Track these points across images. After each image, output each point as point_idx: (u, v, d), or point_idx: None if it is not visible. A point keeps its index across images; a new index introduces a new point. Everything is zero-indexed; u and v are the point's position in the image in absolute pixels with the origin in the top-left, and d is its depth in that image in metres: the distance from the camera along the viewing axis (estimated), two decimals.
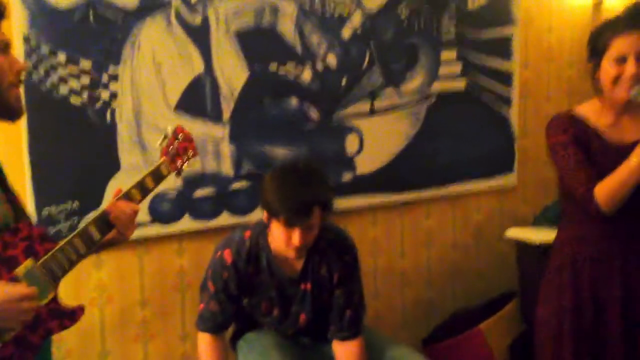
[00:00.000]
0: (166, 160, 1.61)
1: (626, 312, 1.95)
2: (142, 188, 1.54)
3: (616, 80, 1.85)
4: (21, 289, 1.26)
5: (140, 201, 1.54)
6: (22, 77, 1.36)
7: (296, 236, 2.01)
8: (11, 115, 1.35)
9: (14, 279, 1.29)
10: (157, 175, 1.58)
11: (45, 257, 1.34)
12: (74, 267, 1.50)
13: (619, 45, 1.84)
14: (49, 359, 1.46)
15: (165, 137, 1.65)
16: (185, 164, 1.68)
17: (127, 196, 1.51)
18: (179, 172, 1.67)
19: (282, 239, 2.05)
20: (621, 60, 1.84)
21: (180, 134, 1.67)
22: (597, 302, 1.96)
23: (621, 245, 1.95)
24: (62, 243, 1.38)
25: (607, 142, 1.92)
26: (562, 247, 2.06)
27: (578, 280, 1.98)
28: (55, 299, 1.37)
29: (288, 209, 1.96)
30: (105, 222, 1.45)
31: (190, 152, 1.69)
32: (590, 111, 1.98)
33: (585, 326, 1.96)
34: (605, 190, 1.83)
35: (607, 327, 1.96)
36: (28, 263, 1.31)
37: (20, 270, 1.30)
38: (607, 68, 1.87)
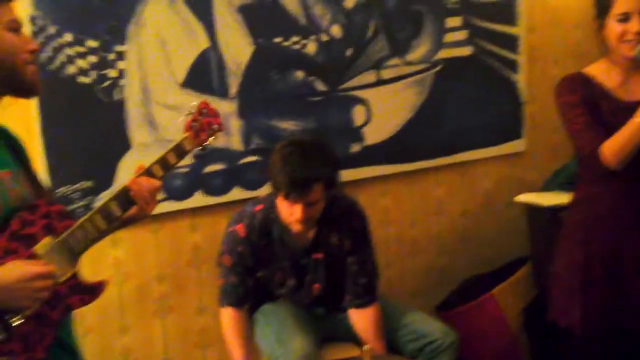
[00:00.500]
0: (190, 136, 1.60)
1: (637, 265, 1.98)
2: (164, 164, 1.53)
3: (621, 38, 1.86)
4: (35, 267, 1.26)
5: (162, 177, 1.53)
6: (36, 58, 1.36)
7: (298, 211, 2.04)
8: (29, 91, 1.36)
9: (33, 257, 1.30)
10: (180, 151, 1.57)
11: (65, 234, 1.35)
12: (95, 243, 1.52)
13: (622, 3, 1.85)
14: (71, 334, 1.48)
15: (190, 112, 1.64)
16: (211, 138, 1.67)
17: (148, 172, 1.50)
18: (203, 147, 1.66)
19: (286, 213, 2.08)
20: (625, 18, 1.85)
21: (205, 109, 1.66)
22: (607, 256, 1.99)
23: (632, 203, 1.98)
24: (81, 220, 1.39)
25: (616, 101, 1.94)
26: (577, 206, 2.10)
27: (590, 236, 2.01)
28: (75, 276, 1.38)
29: (288, 185, 1.99)
30: (126, 198, 1.46)
31: (216, 127, 1.67)
32: (598, 72, 1.99)
33: (595, 280, 2.00)
34: (611, 147, 1.85)
35: (618, 279, 1.99)
36: (46, 240, 1.32)
37: (38, 247, 1.31)
38: (612, 26, 1.88)
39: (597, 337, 2.05)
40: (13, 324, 1.27)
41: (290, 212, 2.06)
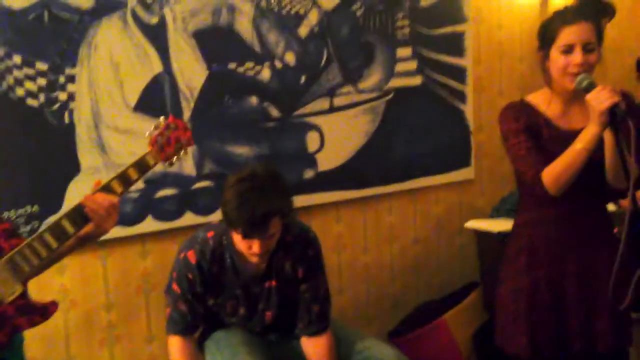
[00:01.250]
0: (153, 150, 1.57)
1: (582, 288, 2.03)
2: (124, 179, 1.51)
3: (564, 69, 1.93)
4: None
5: (122, 193, 1.51)
6: None
7: (256, 246, 2.01)
8: None
9: None
10: (142, 166, 1.55)
11: (11, 253, 1.32)
12: (48, 263, 1.48)
13: (567, 35, 1.90)
14: (22, 357, 1.43)
15: (156, 126, 1.62)
16: (182, 152, 1.64)
17: (106, 188, 1.48)
18: (170, 162, 1.63)
19: (243, 247, 2.06)
20: (569, 49, 1.91)
21: (173, 124, 1.64)
22: (553, 279, 2.04)
23: (575, 226, 2.03)
24: (30, 239, 1.36)
25: (557, 130, 2.00)
26: (519, 230, 2.14)
27: (534, 260, 2.06)
28: (24, 296, 1.34)
29: (246, 224, 1.95)
30: (79, 215, 1.43)
31: (185, 140, 1.65)
32: (541, 100, 2.05)
33: (542, 304, 2.04)
34: (552, 173, 1.90)
35: (564, 304, 2.03)
36: None
37: None
38: (556, 57, 1.94)
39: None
40: None
41: (248, 246, 2.03)
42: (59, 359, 2.31)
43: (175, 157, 1.63)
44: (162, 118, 1.64)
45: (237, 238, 2.05)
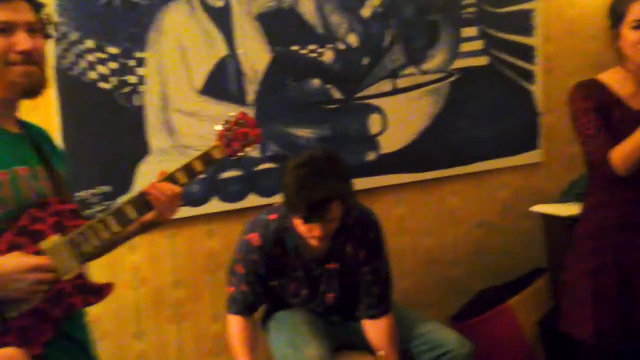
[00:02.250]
0: (220, 145, 1.58)
1: None
2: (189, 171, 1.52)
3: (636, 46, 1.85)
4: (33, 259, 1.27)
5: (185, 184, 1.52)
6: (32, 56, 1.33)
7: (317, 230, 2.02)
8: (22, 92, 1.34)
9: (39, 253, 1.30)
10: (208, 159, 1.56)
11: (73, 233, 1.35)
12: (110, 247, 1.53)
13: (637, 9, 1.85)
14: (82, 329, 1.48)
15: (226, 121, 1.63)
16: (249, 149, 1.65)
17: (171, 178, 1.50)
18: (237, 157, 1.64)
19: (304, 231, 2.07)
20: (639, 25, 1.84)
21: (242, 120, 1.64)
22: (621, 265, 1.97)
23: None
24: (93, 221, 1.39)
25: (629, 110, 1.94)
26: (588, 213, 2.08)
27: (602, 244, 2.00)
28: (82, 276, 1.38)
29: (304, 208, 1.96)
30: (143, 203, 1.45)
31: (253, 138, 1.65)
32: (613, 79, 1.98)
33: (609, 290, 1.98)
34: (621, 153, 1.85)
35: (632, 291, 1.97)
36: (54, 238, 1.32)
37: (45, 244, 1.31)
38: (627, 34, 1.88)
39: (612, 350, 2.03)
40: (9, 317, 1.27)
41: (309, 230, 2.05)
42: (130, 334, 2.40)
43: (242, 152, 1.64)
44: (233, 113, 1.65)
45: (298, 222, 2.07)
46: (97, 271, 2.26)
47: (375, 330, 2.25)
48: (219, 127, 1.61)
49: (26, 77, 1.33)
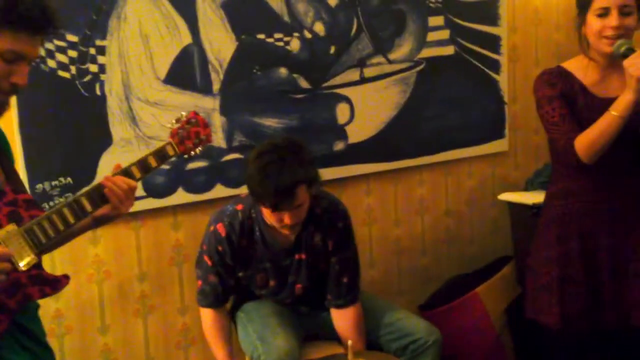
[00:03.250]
0: (173, 142, 1.61)
1: (616, 260, 1.99)
2: (143, 166, 1.54)
3: (600, 33, 1.87)
4: None
5: (140, 179, 1.55)
6: (17, 91, 1.35)
7: (287, 217, 2.02)
8: None
9: None
10: (162, 155, 1.59)
11: (29, 223, 1.34)
12: (64, 239, 1.50)
13: None
14: (36, 321, 1.46)
15: (178, 119, 1.66)
16: (198, 149, 1.69)
17: (126, 172, 1.51)
18: (188, 155, 1.68)
19: (274, 221, 2.06)
20: (604, 12, 1.86)
21: (194, 119, 1.68)
22: (585, 251, 2.00)
23: (607, 197, 1.99)
24: (49, 211, 1.38)
25: (592, 97, 1.95)
26: (551, 201, 2.11)
27: (566, 231, 2.02)
28: (38, 266, 1.37)
29: (272, 196, 1.96)
30: (98, 195, 1.46)
31: (204, 137, 1.69)
32: (577, 67, 2.00)
33: (574, 275, 2.01)
34: (585, 140, 1.86)
35: (597, 276, 2.00)
36: (9, 227, 1.31)
37: (0, 233, 1.30)
38: (592, 22, 1.89)
39: (577, 336, 2.06)
40: None
41: (279, 219, 2.04)
42: (94, 328, 2.35)
43: (193, 151, 1.68)
44: (184, 113, 1.68)
45: (266, 212, 2.06)
46: (60, 264, 2.24)
47: (342, 319, 2.26)
48: (171, 124, 1.65)
49: (2, 105, 1.36)
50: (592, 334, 2.06)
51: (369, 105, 2.77)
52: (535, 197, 2.79)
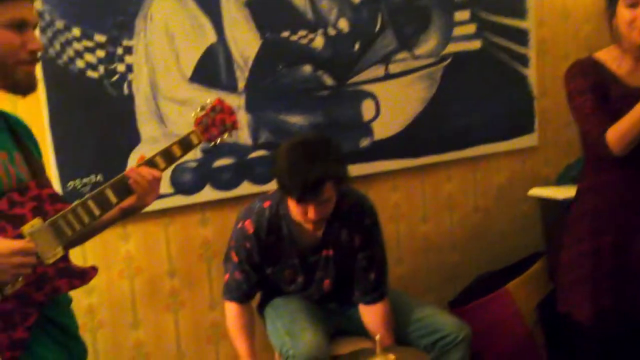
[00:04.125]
0: (197, 130, 1.60)
1: None
2: (167, 156, 1.53)
3: (630, 24, 1.84)
4: (15, 243, 1.26)
5: (164, 169, 1.54)
6: (38, 56, 1.36)
7: (311, 212, 2.03)
8: (20, 90, 1.35)
9: (20, 237, 1.30)
10: (186, 144, 1.57)
11: (55, 217, 1.34)
12: (90, 231, 1.52)
13: None
14: (71, 319, 1.48)
15: (203, 107, 1.64)
16: (225, 135, 1.67)
17: (150, 162, 1.51)
18: (214, 143, 1.65)
19: (299, 214, 2.07)
20: (634, 3, 1.83)
21: (219, 106, 1.66)
22: (618, 246, 1.96)
23: None
24: (74, 204, 1.38)
25: (626, 88, 1.91)
26: (583, 195, 2.07)
27: (598, 226, 1.99)
28: (66, 259, 1.38)
29: (298, 188, 1.97)
30: (123, 186, 1.46)
31: (229, 124, 1.67)
32: (609, 57, 1.97)
33: (606, 271, 1.97)
34: (617, 132, 1.83)
35: (630, 272, 1.96)
36: (35, 222, 1.32)
37: (25, 228, 1.31)
38: (622, 12, 1.86)
39: (610, 331, 2.02)
40: None
41: (304, 213, 2.05)
42: (126, 323, 2.40)
43: (219, 138, 1.66)
44: (209, 100, 1.67)
45: (292, 205, 2.07)
46: (92, 261, 2.28)
47: (371, 315, 2.25)
48: (195, 113, 1.64)
49: (29, 76, 1.35)
50: (625, 329, 2.01)
51: (394, 101, 2.76)
52: (567, 192, 2.74)
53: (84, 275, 1.41)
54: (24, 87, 1.35)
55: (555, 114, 3.17)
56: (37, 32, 1.40)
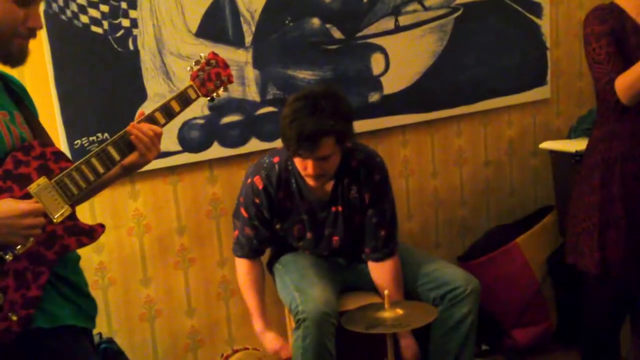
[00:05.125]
0: (195, 85, 1.61)
1: None
2: (166, 111, 1.54)
3: None
4: (24, 204, 1.27)
5: (164, 124, 1.55)
6: (35, 34, 1.36)
7: (309, 166, 2.02)
8: (10, 61, 1.36)
9: (27, 196, 1.30)
10: (184, 99, 1.58)
11: (60, 175, 1.35)
12: (97, 187, 1.51)
13: None
14: (80, 276, 1.49)
15: (197, 62, 1.65)
16: (221, 90, 1.68)
17: (150, 118, 1.52)
18: (211, 97, 1.67)
19: (300, 168, 2.06)
20: None
21: (213, 60, 1.67)
22: (628, 197, 1.95)
23: None
24: (79, 162, 1.39)
25: None
26: (594, 145, 2.05)
27: (609, 176, 1.97)
28: (73, 217, 1.38)
29: (296, 141, 1.96)
30: (125, 143, 1.46)
31: (225, 78, 1.68)
32: (632, 5, 1.91)
33: (616, 221, 1.96)
34: (626, 81, 1.80)
35: (637, 222, 1.94)
36: (41, 180, 1.32)
37: (32, 187, 1.31)
38: None
39: (618, 281, 2.01)
40: (4, 260, 1.28)
41: (304, 167, 2.04)
42: (136, 280, 2.42)
43: (216, 93, 1.67)
44: (202, 54, 1.67)
45: (295, 159, 2.06)
46: (101, 219, 2.29)
47: (380, 272, 2.26)
48: (191, 67, 1.64)
49: (22, 49, 1.35)
50: (632, 280, 2.01)
51: (404, 54, 2.70)
52: (579, 145, 2.69)
53: (92, 233, 1.41)
54: (15, 59, 1.36)
55: (568, 64, 3.11)
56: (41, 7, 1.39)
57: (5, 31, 1.30)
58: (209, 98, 1.67)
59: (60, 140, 2.16)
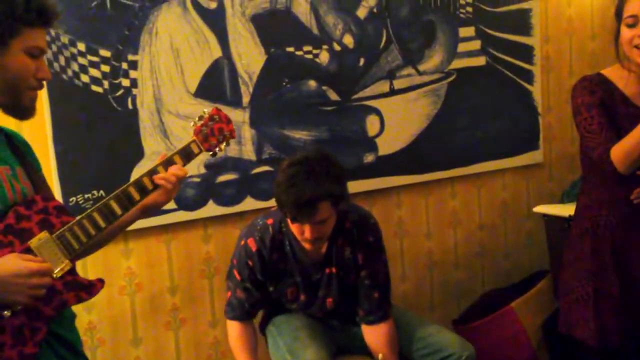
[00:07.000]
0: (197, 140, 1.63)
1: None
2: (169, 166, 1.56)
3: (629, 42, 1.83)
4: (32, 264, 1.26)
5: None
6: (43, 85, 1.39)
7: (307, 231, 2.00)
8: (22, 114, 1.38)
9: (28, 251, 1.30)
10: (187, 154, 1.60)
11: (61, 229, 1.35)
12: (101, 240, 1.53)
13: (631, 5, 1.82)
14: (75, 335, 1.46)
15: (200, 117, 1.67)
16: (223, 145, 1.70)
17: (151, 174, 1.53)
18: (213, 152, 1.69)
19: (296, 233, 2.05)
20: (634, 22, 1.81)
21: (216, 115, 1.69)
22: (620, 265, 1.94)
23: None
24: (80, 217, 1.39)
25: (634, 108, 1.90)
26: (583, 212, 2.05)
27: (599, 244, 1.96)
28: (72, 272, 1.38)
29: (293, 207, 1.95)
30: (127, 198, 1.48)
31: (227, 133, 1.70)
32: (618, 75, 1.96)
33: (609, 289, 1.95)
34: (622, 150, 1.81)
35: (633, 290, 1.93)
36: (42, 235, 1.32)
37: (33, 241, 1.31)
38: (623, 32, 1.85)
39: (614, 350, 1.99)
40: (3, 317, 1.26)
41: (300, 232, 2.03)
42: (126, 341, 2.36)
43: (218, 148, 1.69)
44: (205, 110, 1.69)
45: (290, 223, 2.05)
46: (93, 277, 2.25)
47: (374, 335, 2.22)
48: (194, 122, 1.66)
49: (32, 101, 1.38)
50: (629, 349, 1.99)
51: (399, 117, 2.75)
52: (572, 210, 2.70)
53: (91, 288, 1.41)
54: (25, 111, 1.38)
55: (560, 130, 3.16)
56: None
57: (19, 83, 1.33)
58: (211, 153, 1.68)
59: (56, 197, 2.15)
